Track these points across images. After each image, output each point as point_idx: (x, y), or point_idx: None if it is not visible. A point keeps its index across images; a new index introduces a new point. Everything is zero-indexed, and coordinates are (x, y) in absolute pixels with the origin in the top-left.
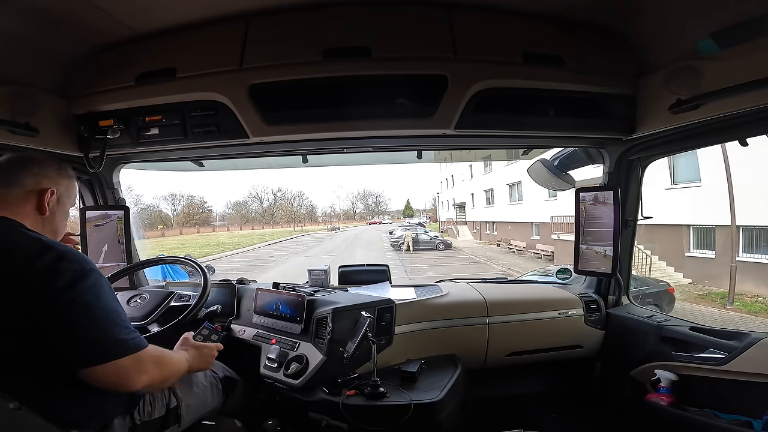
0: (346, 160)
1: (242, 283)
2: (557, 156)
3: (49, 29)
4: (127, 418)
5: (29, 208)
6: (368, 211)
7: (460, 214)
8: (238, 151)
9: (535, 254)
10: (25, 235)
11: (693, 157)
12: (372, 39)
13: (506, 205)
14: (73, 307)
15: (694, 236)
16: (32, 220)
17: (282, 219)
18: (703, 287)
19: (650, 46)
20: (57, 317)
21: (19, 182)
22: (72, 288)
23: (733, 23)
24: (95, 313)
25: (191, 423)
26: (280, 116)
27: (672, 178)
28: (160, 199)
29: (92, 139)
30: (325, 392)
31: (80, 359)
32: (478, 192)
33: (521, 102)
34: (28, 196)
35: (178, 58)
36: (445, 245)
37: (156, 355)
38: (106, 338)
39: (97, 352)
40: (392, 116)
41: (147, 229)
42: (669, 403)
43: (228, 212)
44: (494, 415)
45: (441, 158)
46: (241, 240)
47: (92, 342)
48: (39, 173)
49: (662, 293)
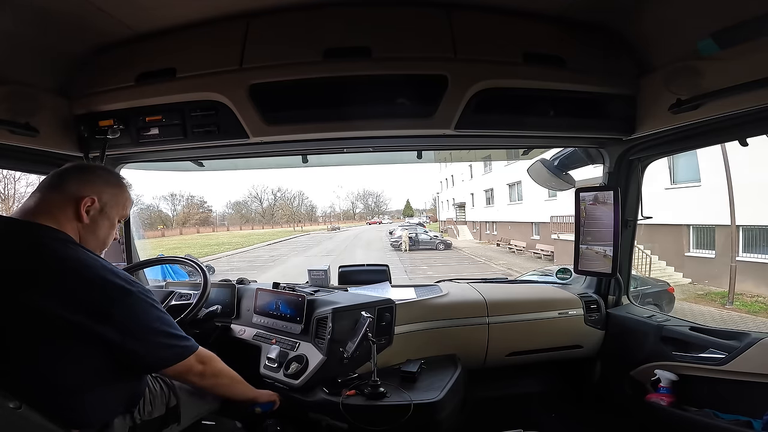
0: (346, 160)
1: (242, 283)
2: (557, 156)
3: (49, 29)
4: (127, 418)
5: (69, 215)
6: (368, 211)
7: (460, 214)
8: (238, 151)
9: (535, 254)
10: (74, 251)
11: (693, 157)
12: (372, 39)
13: (506, 205)
14: (135, 323)
15: (694, 236)
16: (72, 227)
17: (282, 219)
18: (702, 287)
19: (650, 46)
20: (127, 335)
21: (63, 187)
22: (133, 305)
23: (733, 23)
24: (158, 326)
25: (191, 422)
26: (280, 116)
27: (672, 177)
28: (159, 199)
29: (92, 139)
30: (325, 392)
31: (156, 365)
32: (478, 192)
33: (521, 102)
34: (67, 202)
35: (178, 58)
36: (445, 245)
37: (207, 353)
38: (172, 345)
39: (169, 358)
40: (392, 116)
41: (147, 229)
42: (669, 403)
43: (228, 212)
44: (494, 415)
45: (441, 158)
46: (241, 240)
47: (163, 350)
48: (83, 179)
49: (662, 293)
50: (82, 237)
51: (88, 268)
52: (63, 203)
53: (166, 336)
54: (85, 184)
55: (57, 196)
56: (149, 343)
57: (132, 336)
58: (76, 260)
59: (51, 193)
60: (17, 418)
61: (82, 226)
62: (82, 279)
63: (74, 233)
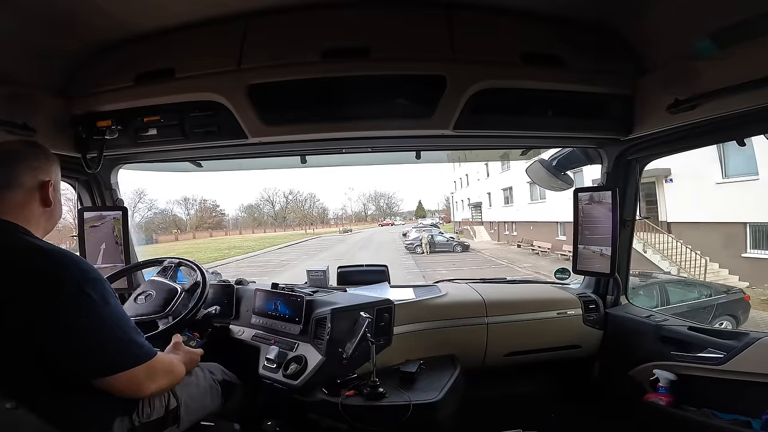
0: (344, 160)
1: (241, 283)
2: (555, 156)
3: (47, 29)
4: (126, 420)
5: (35, 206)
6: (380, 213)
7: (476, 214)
8: (236, 152)
9: (562, 255)
10: (25, 241)
11: (749, 147)
12: (370, 39)
13: (527, 204)
14: (82, 319)
15: (751, 235)
16: (37, 217)
17: (294, 222)
18: (763, 291)
19: (648, 47)
20: (64, 329)
21: (18, 182)
22: (78, 298)
23: (731, 23)
24: (104, 323)
25: (190, 425)
26: (278, 116)
27: (723, 171)
28: (174, 204)
29: (90, 139)
30: (324, 393)
31: (95, 371)
32: (495, 191)
33: (520, 102)
34: (31, 195)
35: (177, 59)
36: (462, 247)
37: (165, 363)
38: (118, 350)
39: (111, 364)
40: (391, 116)
41: (161, 234)
42: (668, 402)
43: (240, 215)
44: (493, 415)
45: (455, 158)
46: (252, 244)
47: (106, 354)
48: (33, 166)
49: (738, 302)
50: (45, 223)
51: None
52: (27, 197)
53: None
54: (37, 170)
55: (19, 192)
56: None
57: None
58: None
59: (7, 191)
60: (14, 419)
61: (47, 212)
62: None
63: (39, 222)
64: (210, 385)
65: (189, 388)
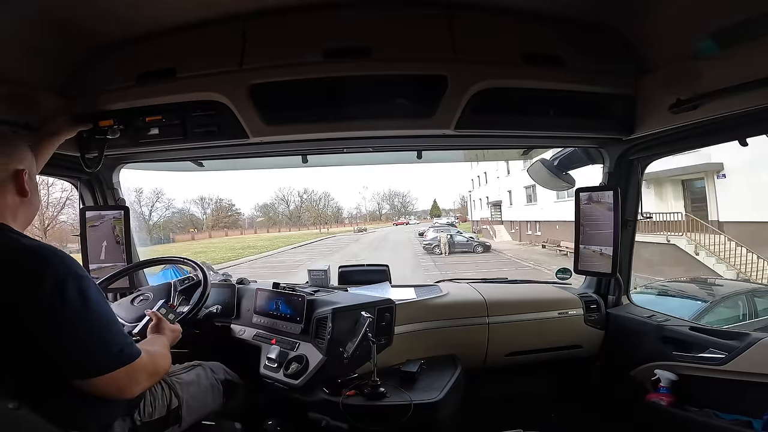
0: (346, 160)
1: (242, 283)
2: (557, 156)
3: (49, 29)
4: (128, 419)
5: (10, 198)
6: (395, 212)
7: (496, 213)
8: (238, 151)
9: None
10: (3, 238)
11: None
12: (372, 39)
13: (552, 203)
14: (61, 316)
15: None
16: (14, 208)
17: (308, 221)
18: None
19: (650, 46)
20: (45, 324)
21: None
22: (59, 295)
23: (733, 23)
24: (86, 320)
25: (192, 424)
26: (280, 116)
27: None
28: (190, 203)
29: (92, 139)
30: (325, 392)
31: (73, 372)
32: (516, 189)
33: (521, 102)
34: (5, 186)
35: (178, 58)
36: (483, 247)
37: (148, 362)
38: (98, 351)
39: (90, 366)
40: (392, 116)
41: (179, 233)
42: (669, 403)
43: (256, 215)
44: (494, 415)
45: (471, 157)
46: (267, 243)
47: (85, 355)
48: (3, 153)
49: None
50: (23, 215)
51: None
52: (0, 189)
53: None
54: (9, 159)
55: None
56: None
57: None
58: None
59: None
60: (16, 419)
61: (24, 202)
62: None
63: (16, 213)
64: (211, 384)
65: (191, 387)
